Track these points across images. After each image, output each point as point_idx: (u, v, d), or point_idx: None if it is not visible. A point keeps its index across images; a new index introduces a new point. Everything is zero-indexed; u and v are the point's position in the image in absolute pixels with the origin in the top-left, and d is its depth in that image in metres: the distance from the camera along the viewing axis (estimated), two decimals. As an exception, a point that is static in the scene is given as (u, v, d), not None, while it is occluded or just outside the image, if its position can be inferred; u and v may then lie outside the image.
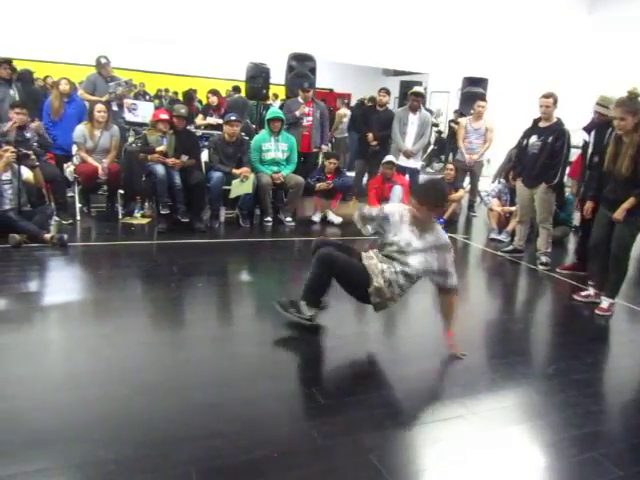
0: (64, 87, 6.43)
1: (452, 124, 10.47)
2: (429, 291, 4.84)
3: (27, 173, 5.23)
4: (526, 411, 2.81)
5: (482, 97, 8.35)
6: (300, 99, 7.10)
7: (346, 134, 10.61)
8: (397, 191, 6.60)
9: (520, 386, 3.06)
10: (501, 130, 8.08)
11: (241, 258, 5.47)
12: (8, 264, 4.42)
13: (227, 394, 2.69)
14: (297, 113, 6.90)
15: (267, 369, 3.01)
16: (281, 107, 7.96)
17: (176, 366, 2.97)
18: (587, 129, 5.19)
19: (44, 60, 11.23)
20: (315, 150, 7.28)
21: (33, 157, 5.22)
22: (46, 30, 10.92)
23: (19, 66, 7.01)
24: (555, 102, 5.21)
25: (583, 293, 4.57)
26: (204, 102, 9.76)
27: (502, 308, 4.64)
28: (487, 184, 8.91)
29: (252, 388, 2.77)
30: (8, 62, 6.00)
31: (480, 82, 9.29)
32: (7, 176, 5.05)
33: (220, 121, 7.56)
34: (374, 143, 7.33)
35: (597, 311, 4.26)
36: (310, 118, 7.02)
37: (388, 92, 7.58)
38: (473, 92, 9.04)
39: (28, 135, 5.49)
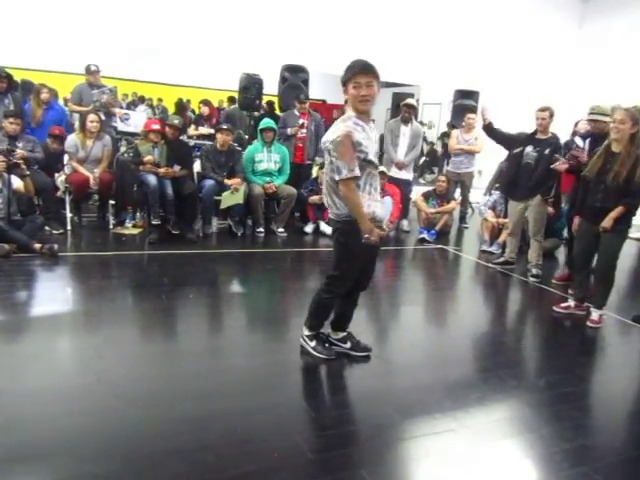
0: (44, 95, 6.47)
1: (445, 139, 10.54)
2: (419, 304, 4.88)
3: (17, 182, 5.20)
4: (517, 425, 2.80)
5: (472, 110, 8.43)
6: (296, 111, 7.12)
7: None
8: (387, 202, 6.62)
9: (511, 399, 3.06)
10: (492, 142, 8.12)
11: (233, 269, 5.46)
12: (-3, 274, 4.38)
13: (217, 407, 2.67)
14: (289, 131, 6.92)
15: (258, 382, 2.99)
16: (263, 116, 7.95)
17: (166, 378, 2.95)
18: (583, 136, 5.23)
19: (37, 69, 11.20)
20: (309, 162, 7.29)
21: (23, 166, 5.19)
22: (39, 39, 10.91)
23: (16, 76, 6.98)
24: (551, 115, 5.26)
25: (563, 304, 4.60)
26: (197, 112, 9.78)
27: (493, 320, 4.65)
28: (479, 195, 8.97)
29: (242, 401, 2.75)
30: (5, 76, 5.98)
31: (471, 94, 9.38)
32: (-3, 185, 5.02)
33: (212, 131, 7.57)
34: None
35: (588, 323, 4.28)
36: (305, 130, 7.04)
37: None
38: (464, 104, 9.12)
39: (20, 145, 5.47)
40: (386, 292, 5.14)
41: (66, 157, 6.02)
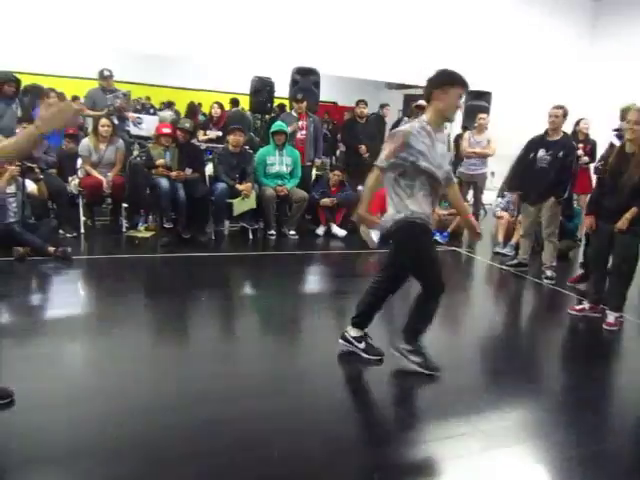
0: (52, 100, 6.52)
1: (460, 140, 10.44)
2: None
3: (31, 186, 5.25)
4: (532, 429, 2.77)
5: (483, 110, 8.36)
6: (293, 112, 7.13)
7: None
8: None
9: (525, 403, 3.03)
10: (505, 143, 8.06)
11: (245, 271, 5.46)
12: (12, 277, 4.42)
13: (231, 411, 2.66)
14: (289, 129, 6.92)
15: (271, 386, 2.98)
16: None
17: (179, 382, 2.94)
18: (620, 136, 5.19)
19: (49, 74, 11.31)
20: (309, 164, 7.28)
21: (37, 170, 5.23)
22: (51, 44, 11.02)
23: (26, 80, 7.05)
24: (565, 115, 5.23)
25: (578, 307, 4.54)
26: (208, 115, 9.75)
27: (506, 323, 4.60)
28: (491, 197, 8.90)
29: (256, 405, 2.73)
30: (14, 80, 6.04)
31: (483, 95, 9.31)
32: (11, 189, 5.07)
33: (220, 134, 7.58)
34: (366, 155, 7.32)
35: (604, 326, 4.22)
36: (304, 132, 7.04)
37: (366, 103, 7.65)
38: (476, 105, 9.06)
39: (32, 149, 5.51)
40: (397, 294, 5.10)
41: (79, 161, 6.06)
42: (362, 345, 3.34)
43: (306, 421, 2.67)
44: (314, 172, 7.53)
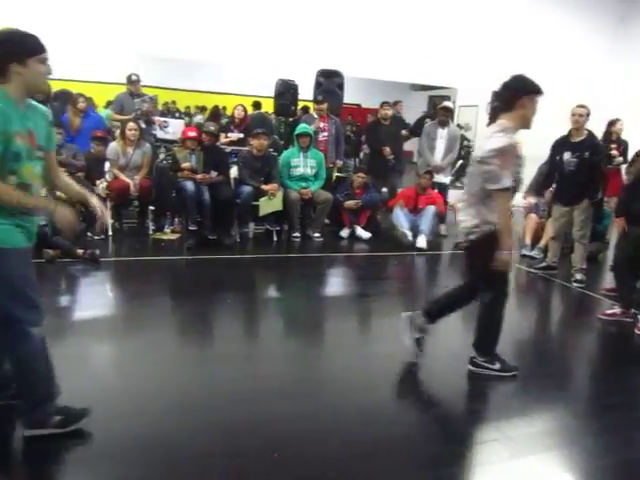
0: (81, 104, 6.66)
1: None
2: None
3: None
4: (561, 436, 2.71)
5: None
6: (314, 114, 7.13)
7: None
8: (430, 211, 6.56)
9: (554, 409, 2.96)
10: (531, 144, 7.93)
11: (269, 274, 5.47)
12: (41, 279, 4.47)
13: (254, 413, 2.66)
14: (312, 127, 6.91)
15: (295, 388, 2.98)
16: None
17: (203, 383, 2.96)
18: None
19: (78, 80, 11.53)
20: (330, 165, 7.27)
21: (66, 174, 5.31)
22: (80, 51, 11.25)
23: (56, 86, 7.20)
24: (588, 114, 5.14)
25: (609, 311, 4.43)
26: (230, 116, 9.79)
27: (535, 327, 4.52)
28: (517, 199, 8.76)
29: (278, 408, 2.73)
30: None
31: (509, 96, 9.17)
32: (42, 193, 5.17)
33: (241, 136, 7.62)
34: (391, 157, 7.28)
35: (636, 330, 4.11)
36: (326, 133, 7.04)
37: (390, 105, 7.60)
38: (502, 106, 8.93)
39: (63, 154, 5.62)
40: (424, 298, 5.05)
41: (107, 164, 6.16)
42: (496, 366, 3.25)
43: (329, 424, 2.66)
44: (335, 174, 7.51)
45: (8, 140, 2.03)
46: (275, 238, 6.37)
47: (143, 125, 6.65)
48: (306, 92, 8.47)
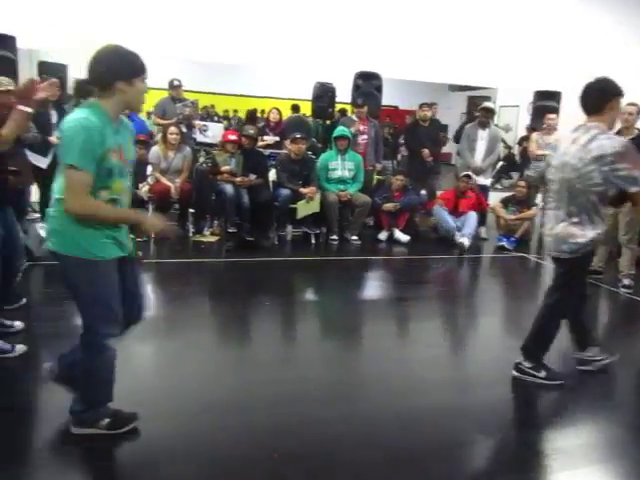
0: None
1: (525, 143, 10.12)
2: (498, 314, 4.68)
3: (105, 192, 5.47)
4: (611, 448, 2.60)
5: (552, 110, 8.04)
6: (354, 117, 7.10)
7: None
8: (472, 218, 6.50)
9: (604, 421, 2.85)
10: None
11: (306, 276, 5.48)
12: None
13: (291, 416, 2.66)
14: (352, 129, 6.88)
15: (333, 392, 2.96)
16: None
17: (241, 385, 2.97)
18: None
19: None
20: (370, 168, 7.23)
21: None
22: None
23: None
24: (639, 112, 4.96)
25: None
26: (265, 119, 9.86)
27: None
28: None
29: (317, 411, 2.72)
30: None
31: (553, 95, 8.95)
32: (87, 196, 5.31)
33: (277, 139, 7.65)
34: (430, 159, 7.19)
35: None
36: (365, 136, 6.99)
37: (429, 106, 7.50)
38: (545, 106, 8.73)
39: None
40: (463, 302, 4.98)
41: (149, 168, 6.28)
42: (542, 374, 3.18)
43: (366, 428, 2.63)
44: (375, 177, 7.47)
45: (103, 157, 2.07)
46: (313, 241, 6.37)
47: (184, 129, 6.76)
48: (343, 95, 8.46)
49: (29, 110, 2.81)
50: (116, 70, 2.09)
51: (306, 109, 9.60)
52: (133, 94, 2.15)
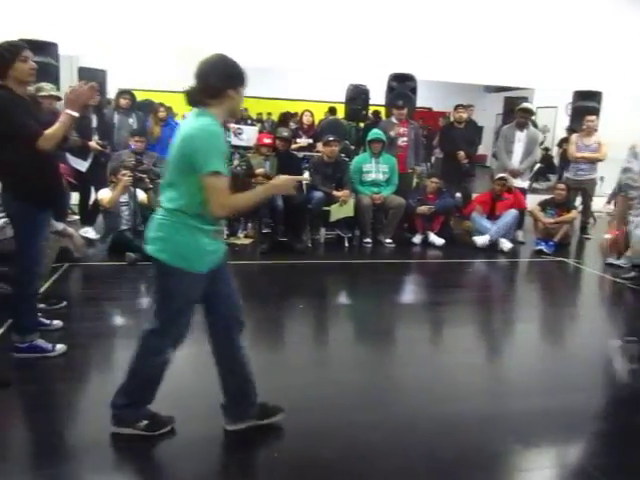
0: (161, 114, 6.92)
1: (564, 145, 9.86)
2: (536, 321, 4.56)
3: (142, 195, 5.57)
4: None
5: (592, 111, 7.83)
6: (394, 119, 7.03)
7: None
8: (512, 215, 6.43)
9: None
10: (616, 147, 7.48)
11: (341, 279, 5.46)
12: (123, 281, 4.70)
13: (325, 421, 2.63)
14: (392, 133, 6.82)
15: (367, 397, 2.92)
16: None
17: (274, 388, 2.94)
18: None
19: (159, 90, 12.07)
20: (410, 171, 7.16)
21: (147, 180, 5.55)
22: (160, 63, 11.86)
23: (140, 96, 7.53)
24: None
25: None
26: (298, 122, 9.90)
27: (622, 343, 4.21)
28: (601, 204, 8.31)
29: (351, 416, 2.68)
30: (128, 93, 6.48)
31: (593, 96, 8.72)
32: (124, 198, 5.41)
33: (310, 141, 7.64)
34: (465, 161, 7.08)
35: None
36: (405, 139, 6.92)
37: (465, 107, 7.37)
38: (585, 107, 8.50)
39: (145, 161, 5.86)
40: (500, 308, 4.87)
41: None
42: None
43: (402, 434, 2.59)
44: (415, 180, 7.39)
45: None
46: (346, 244, 6.34)
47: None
48: (377, 97, 8.41)
49: (76, 114, 2.90)
50: (228, 78, 2.18)
51: (339, 111, 9.59)
52: (238, 101, 2.25)
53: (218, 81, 2.15)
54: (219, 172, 2.08)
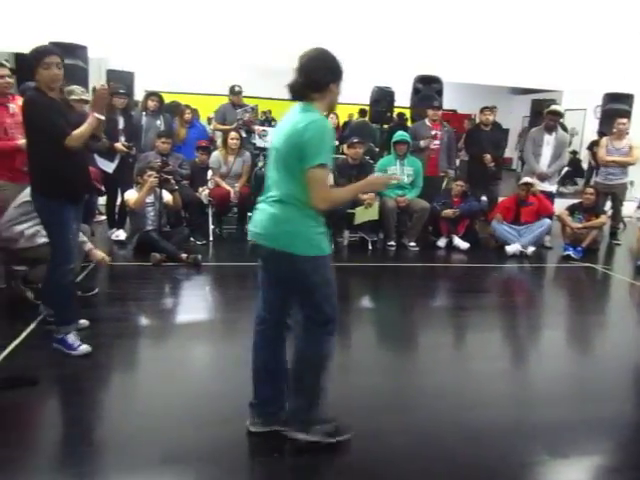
0: (187, 115, 6.98)
1: (595, 148, 9.67)
2: (563, 328, 4.47)
3: (167, 196, 5.62)
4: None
5: (623, 114, 7.66)
6: (427, 121, 6.96)
7: None
8: (545, 224, 6.39)
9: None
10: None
11: (364, 283, 5.42)
12: (148, 281, 4.74)
13: (349, 424, 2.60)
14: (421, 143, 6.72)
15: (388, 402, 2.88)
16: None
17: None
18: None
19: (186, 92, 12.21)
20: (442, 174, 7.08)
21: (173, 181, 5.60)
22: (188, 66, 12.00)
23: (168, 98, 7.61)
24: None
25: None
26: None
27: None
28: (631, 209, 8.12)
29: (374, 422, 2.65)
30: (156, 95, 6.54)
31: (625, 98, 8.53)
32: (150, 199, 5.46)
33: (337, 143, 7.63)
34: (491, 164, 6.97)
35: None
36: (437, 142, 6.84)
37: (492, 110, 7.25)
38: (615, 109, 8.32)
39: (170, 162, 5.91)
40: (526, 314, 4.79)
41: (209, 172, 6.41)
42: None
43: (426, 439, 2.56)
44: (444, 185, 7.31)
45: None
46: (370, 247, 6.30)
47: (244, 134, 6.86)
48: (402, 99, 8.36)
49: (102, 117, 2.98)
50: (332, 72, 2.23)
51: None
52: (336, 96, 2.28)
53: (322, 76, 2.19)
54: (325, 166, 2.13)
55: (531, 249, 6.27)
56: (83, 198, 3.30)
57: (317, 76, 2.17)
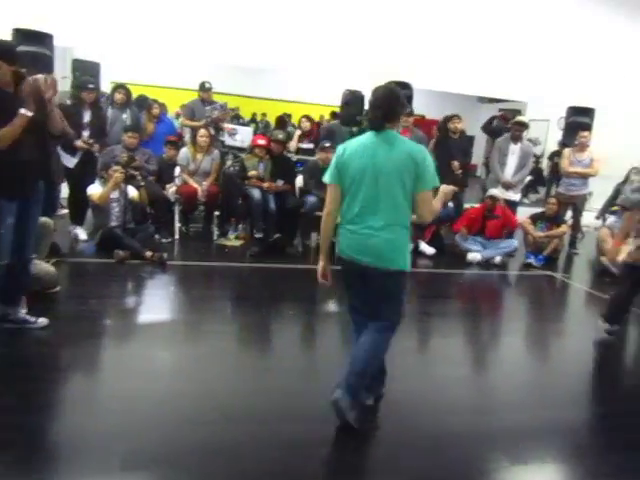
0: (155, 110, 6.86)
1: (556, 158, 9.95)
2: (522, 335, 4.57)
3: (133, 192, 5.50)
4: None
5: (585, 127, 7.90)
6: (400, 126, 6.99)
7: None
8: (511, 245, 6.52)
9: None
10: (607, 163, 7.57)
11: (332, 286, 5.40)
12: (111, 279, 4.64)
13: (316, 430, 2.60)
14: None
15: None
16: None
17: (264, 395, 2.91)
18: None
19: (155, 85, 11.99)
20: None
21: (139, 177, 5.48)
22: (157, 58, 11.77)
23: (136, 91, 7.44)
24: None
25: None
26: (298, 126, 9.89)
27: (610, 359, 4.19)
28: (590, 219, 8.38)
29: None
30: (124, 87, 6.39)
31: (587, 112, 8.80)
32: (115, 195, 5.34)
33: (312, 146, 7.61)
34: (459, 171, 7.07)
35: None
36: None
37: (460, 118, 7.35)
38: (578, 122, 8.58)
39: (137, 157, 5.79)
40: (488, 320, 4.88)
41: (177, 169, 6.30)
42: None
43: (392, 450, 2.56)
44: None
45: None
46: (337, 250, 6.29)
47: (213, 132, 6.77)
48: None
49: (29, 114, 2.89)
50: (403, 107, 2.73)
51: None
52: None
53: (400, 109, 2.64)
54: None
55: (498, 258, 6.37)
56: (25, 195, 3.17)
57: (398, 110, 2.62)
